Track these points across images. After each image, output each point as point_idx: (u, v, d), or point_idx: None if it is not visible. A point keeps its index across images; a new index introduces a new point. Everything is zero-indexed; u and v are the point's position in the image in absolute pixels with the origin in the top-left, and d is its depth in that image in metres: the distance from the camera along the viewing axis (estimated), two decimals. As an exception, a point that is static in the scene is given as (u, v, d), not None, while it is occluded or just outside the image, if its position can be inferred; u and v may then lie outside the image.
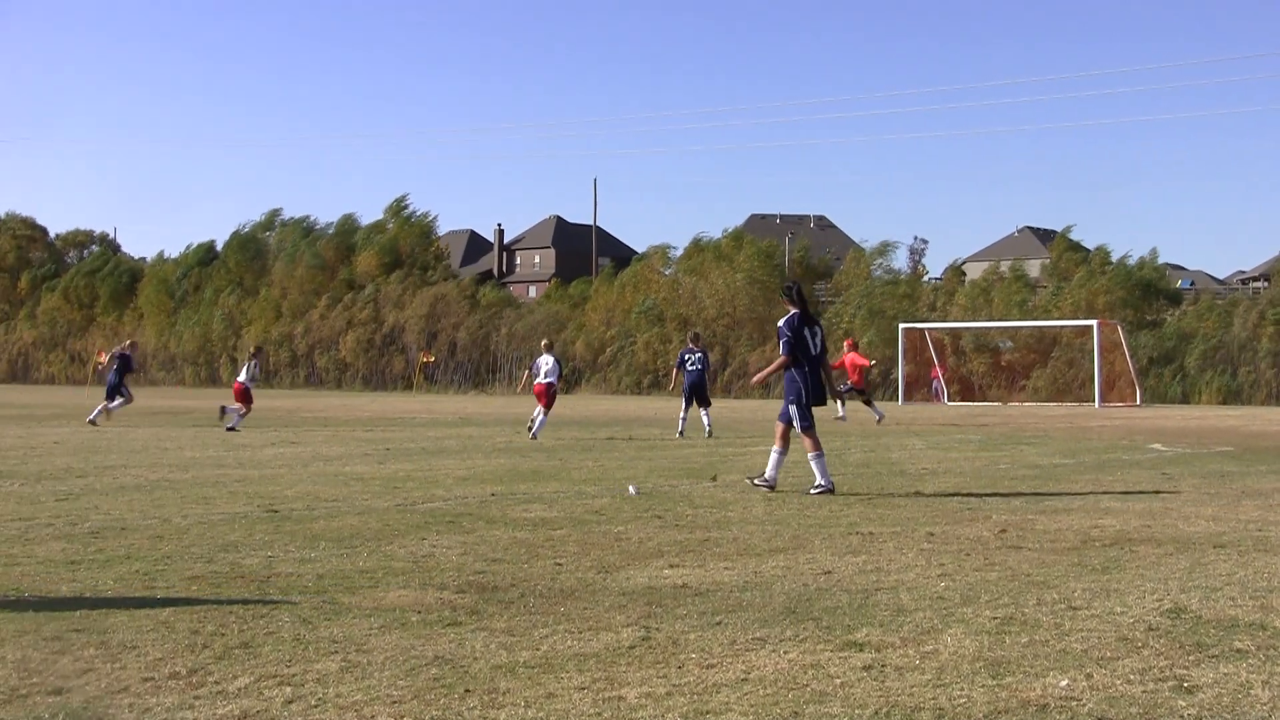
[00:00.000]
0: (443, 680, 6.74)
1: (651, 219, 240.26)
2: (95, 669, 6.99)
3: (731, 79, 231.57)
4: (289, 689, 6.57)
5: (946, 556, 10.86)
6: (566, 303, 77.47)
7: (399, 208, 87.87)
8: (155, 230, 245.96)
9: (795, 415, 16.49)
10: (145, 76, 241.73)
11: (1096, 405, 52.63)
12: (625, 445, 25.64)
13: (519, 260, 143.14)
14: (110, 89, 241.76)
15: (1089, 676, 6.75)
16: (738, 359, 65.89)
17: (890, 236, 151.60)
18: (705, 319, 68.91)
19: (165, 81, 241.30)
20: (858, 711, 6.14)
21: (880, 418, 35.16)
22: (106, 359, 38.13)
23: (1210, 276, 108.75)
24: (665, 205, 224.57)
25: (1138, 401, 55.17)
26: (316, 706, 6.28)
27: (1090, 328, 55.40)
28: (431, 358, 74.15)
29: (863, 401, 36.50)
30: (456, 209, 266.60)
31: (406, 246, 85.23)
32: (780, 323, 16.86)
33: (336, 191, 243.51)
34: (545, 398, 28.19)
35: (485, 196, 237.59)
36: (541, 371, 28.66)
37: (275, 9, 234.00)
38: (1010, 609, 8.52)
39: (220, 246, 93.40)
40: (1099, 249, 65.70)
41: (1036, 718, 6.05)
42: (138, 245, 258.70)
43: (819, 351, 16.68)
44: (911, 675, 6.80)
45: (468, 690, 6.54)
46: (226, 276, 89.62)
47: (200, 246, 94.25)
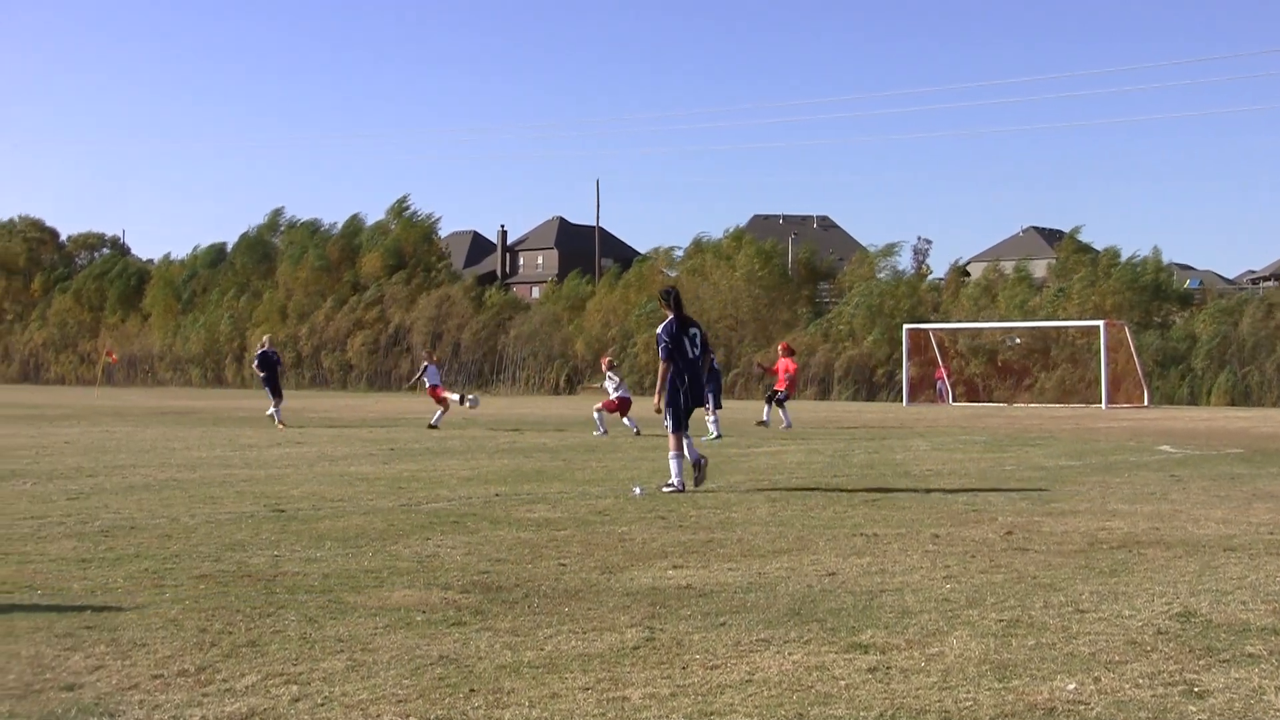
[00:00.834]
0: (448, 680, 6.75)
1: (654, 219, 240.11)
2: (106, 666, 7.03)
3: (734, 79, 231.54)
4: (295, 687, 6.58)
5: (952, 558, 10.85)
6: (565, 304, 77.39)
7: (401, 208, 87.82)
8: (161, 231, 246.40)
9: (668, 417, 16.86)
10: (149, 77, 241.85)
11: (1103, 406, 52.52)
12: (629, 445, 25.63)
13: (522, 261, 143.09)
14: (115, 89, 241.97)
15: (1097, 680, 6.74)
16: (741, 359, 65.80)
17: (894, 237, 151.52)
18: (708, 320, 68.80)
19: (168, 82, 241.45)
20: (862, 714, 6.14)
21: (787, 425, 34.63)
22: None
23: (1219, 276, 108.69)
24: (668, 206, 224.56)
25: (1145, 403, 55.06)
26: (323, 705, 6.29)
27: (1096, 328, 55.32)
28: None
29: (775, 403, 35.70)
30: (459, 210, 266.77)
31: (409, 247, 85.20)
32: (659, 329, 17.27)
33: (340, 193, 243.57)
34: (621, 409, 31.11)
35: (488, 198, 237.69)
36: (611, 390, 31.53)
37: (279, 10, 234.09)
38: (1017, 611, 8.51)
39: (230, 248, 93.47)
40: (1107, 250, 65.54)
41: (1043, 720, 6.05)
42: (146, 247, 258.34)
43: (697, 354, 17.14)
44: (917, 678, 6.79)
45: (473, 690, 6.55)
46: (233, 278, 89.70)
47: (210, 248, 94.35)
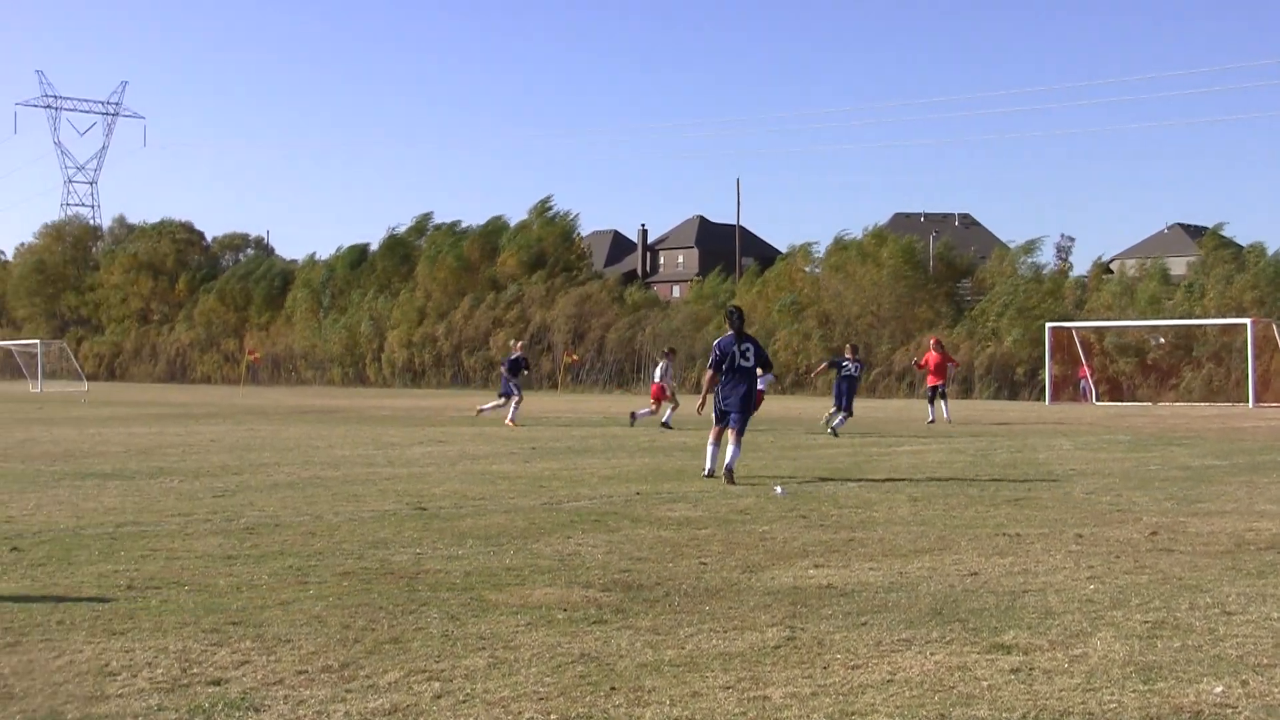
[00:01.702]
0: (588, 677, 6.78)
1: (795, 218, 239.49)
2: (251, 661, 7.14)
3: (875, 77, 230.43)
4: (437, 684, 6.64)
5: (1095, 559, 10.75)
6: (707, 302, 77.31)
7: (544, 208, 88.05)
8: (304, 234, 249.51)
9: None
10: (294, 81, 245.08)
11: (1250, 405, 51.66)
12: (769, 445, 25.58)
13: (662, 260, 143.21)
14: (260, 94, 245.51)
15: (1244, 683, 6.65)
16: (881, 357, 65.47)
17: (1036, 234, 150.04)
18: (848, 316, 68.60)
19: (315, 86, 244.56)
20: (1005, 715, 6.10)
21: (930, 420, 35.03)
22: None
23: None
24: (809, 204, 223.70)
25: (1294, 401, 54.14)
26: (464, 702, 6.34)
27: (1243, 326, 54.43)
28: (576, 357, 74.41)
29: (938, 397, 36.19)
30: (600, 210, 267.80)
31: (549, 246, 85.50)
32: (715, 341, 18.99)
33: (483, 195, 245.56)
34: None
35: (628, 197, 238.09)
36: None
37: (430, 9, 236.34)
38: (1162, 613, 8.41)
39: (372, 249, 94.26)
40: (1253, 245, 64.44)
41: (1189, 724, 5.98)
42: (289, 248, 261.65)
43: (749, 365, 18.27)
44: (1060, 679, 6.74)
45: (613, 688, 6.57)
46: (374, 279, 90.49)
47: (352, 249, 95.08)
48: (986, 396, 61.90)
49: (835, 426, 29.84)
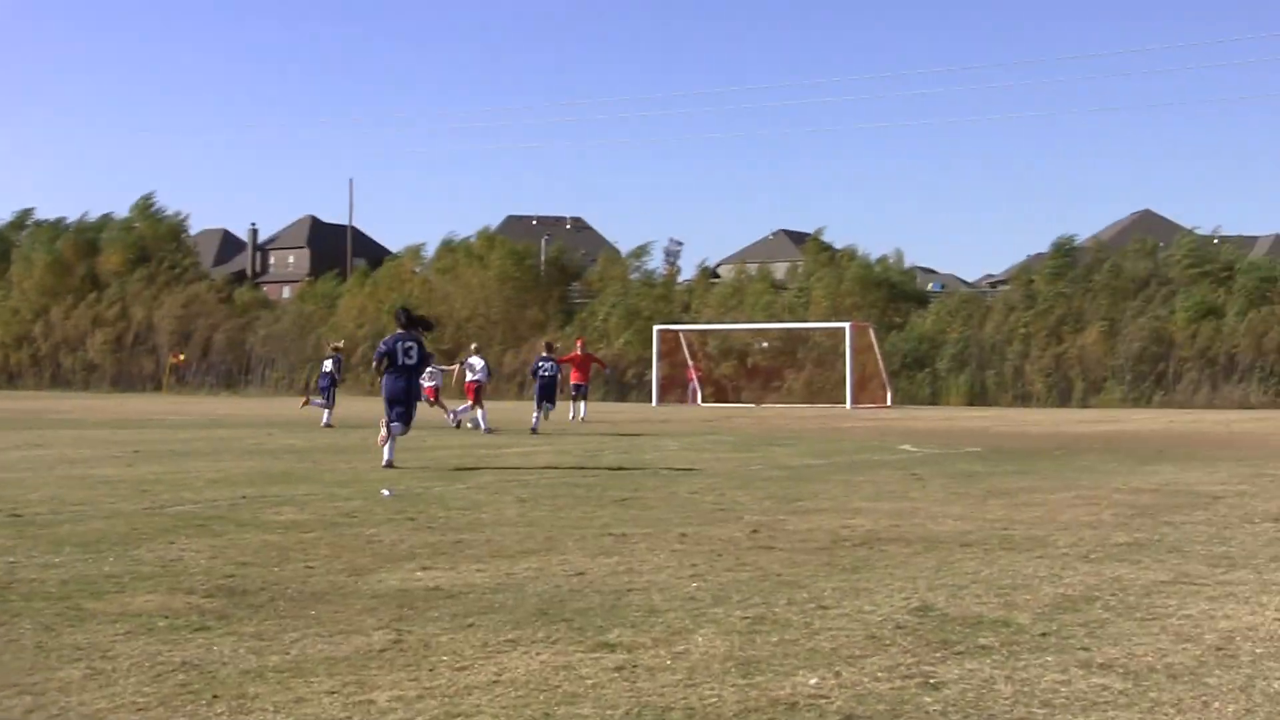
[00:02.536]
0: (190, 686, 6.62)
1: (410, 219, 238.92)
2: None
3: (488, 80, 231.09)
4: (29, 698, 6.39)
5: (699, 557, 10.95)
6: (319, 303, 76.66)
7: (147, 205, 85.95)
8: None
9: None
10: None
11: (849, 406, 53.47)
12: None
13: (273, 260, 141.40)
14: None
15: (838, 674, 6.85)
16: (492, 359, 65.77)
17: (647, 238, 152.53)
18: (457, 320, 68.87)
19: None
20: (609, 712, 6.16)
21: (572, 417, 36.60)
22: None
23: (960, 279, 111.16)
24: (424, 205, 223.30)
25: (889, 403, 56.25)
26: (58, 715, 6.12)
27: (842, 330, 56.29)
28: (182, 358, 72.99)
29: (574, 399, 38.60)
30: (209, 208, 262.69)
31: (154, 244, 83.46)
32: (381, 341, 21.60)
33: (91, 192, 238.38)
34: (473, 395, 32.85)
35: (239, 195, 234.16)
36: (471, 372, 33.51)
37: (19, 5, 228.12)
38: (761, 609, 8.62)
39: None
40: (845, 250, 66.91)
41: (786, 716, 6.12)
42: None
43: (412, 363, 20.78)
44: (663, 675, 6.84)
45: (215, 696, 6.43)
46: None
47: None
48: (596, 398, 62.62)
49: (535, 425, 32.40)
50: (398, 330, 20.97)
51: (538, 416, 32.77)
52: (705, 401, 59.30)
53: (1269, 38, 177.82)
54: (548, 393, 33.58)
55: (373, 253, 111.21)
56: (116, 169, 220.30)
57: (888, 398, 56.74)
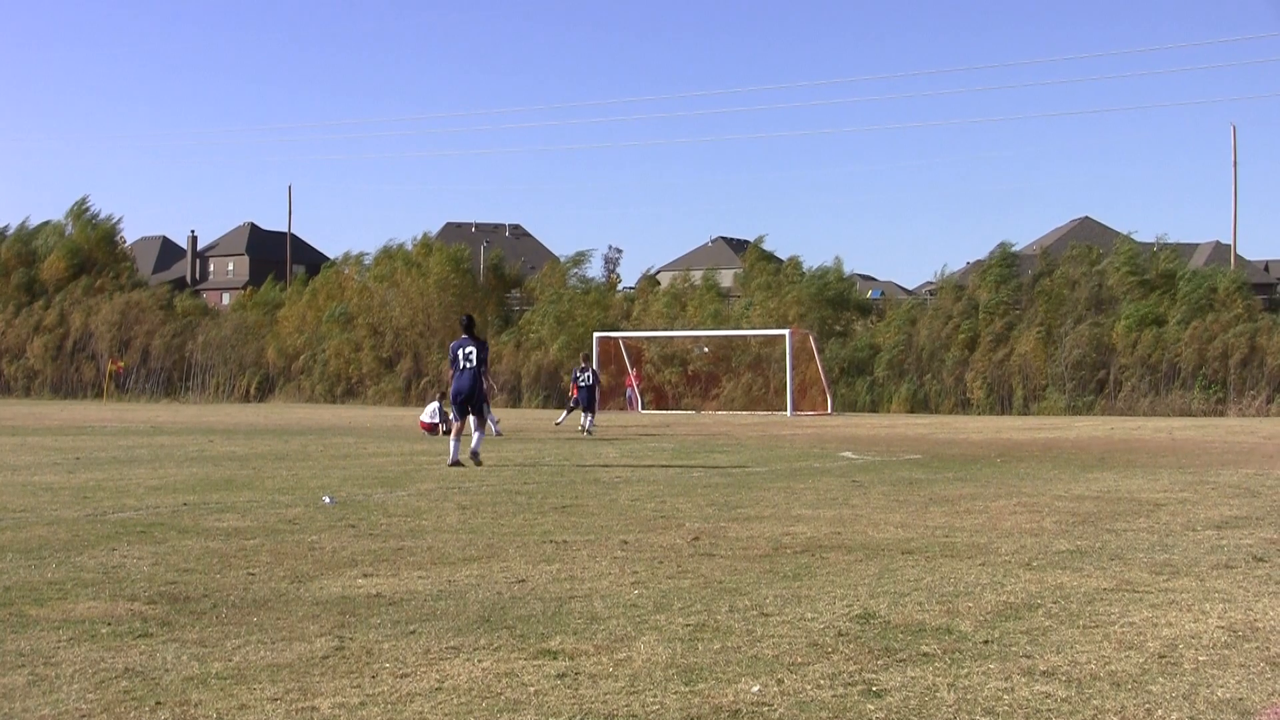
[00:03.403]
0: (133, 693, 6.59)
1: (350, 226, 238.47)
2: None
3: (429, 87, 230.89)
4: (-31, 707, 6.35)
5: (640, 564, 10.94)
6: (260, 310, 76.39)
7: (81, 210, 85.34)
8: None
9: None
10: None
11: (789, 414, 53.55)
12: (319, 454, 25.35)
13: (213, 267, 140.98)
14: None
15: (780, 682, 6.85)
16: (431, 366, 65.63)
17: (586, 246, 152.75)
18: (396, 327, 68.78)
19: None
20: (551, 719, 6.15)
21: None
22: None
23: (900, 287, 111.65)
24: (363, 212, 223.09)
25: (829, 410, 56.37)
26: (-2, 723, 6.09)
27: (782, 336, 56.37)
28: (121, 365, 72.57)
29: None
30: (148, 215, 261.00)
31: (91, 251, 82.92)
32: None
33: (26, 197, 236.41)
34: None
35: (178, 203, 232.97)
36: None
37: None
38: (703, 616, 8.61)
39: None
40: (790, 259, 67.09)
41: (728, 723, 6.13)
42: None
43: (470, 365, 23.05)
44: (605, 683, 6.83)
45: (159, 702, 6.41)
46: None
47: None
48: (535, 405, 62.66)
49: (589, 427, 35.86)
50: (461, 336, 23.66)
51: (589, 418, 35.99)
52: (645, 408, 59.33)
53: (1207, 45, 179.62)
54: (587, 399, 36.21)
55: (313, 259, 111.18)
56: (55, 177, 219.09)
57: (828, 404, 56.87)
